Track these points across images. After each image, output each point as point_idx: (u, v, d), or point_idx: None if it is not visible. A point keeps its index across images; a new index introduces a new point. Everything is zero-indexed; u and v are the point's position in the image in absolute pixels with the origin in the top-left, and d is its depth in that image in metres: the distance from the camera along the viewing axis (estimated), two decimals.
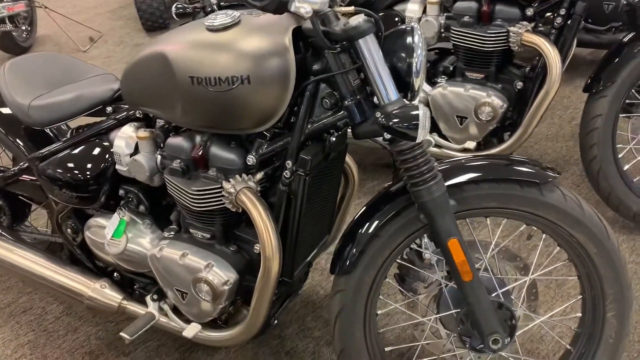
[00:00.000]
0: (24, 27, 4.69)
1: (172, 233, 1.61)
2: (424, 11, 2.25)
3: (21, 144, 1.88)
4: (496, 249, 1.44)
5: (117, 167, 1.60)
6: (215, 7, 2.61)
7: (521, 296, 1.47)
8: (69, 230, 1.81)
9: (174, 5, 2.60)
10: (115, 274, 1.82)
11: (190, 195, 1.43)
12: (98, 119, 1.73)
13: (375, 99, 1.29)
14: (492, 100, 2.09)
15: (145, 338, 1.97)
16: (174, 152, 1.48)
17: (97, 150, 1.64)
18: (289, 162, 1.37)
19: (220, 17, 1.31)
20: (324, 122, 1.33)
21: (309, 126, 1.34)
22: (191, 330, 1.54)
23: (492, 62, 2.13)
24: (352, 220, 1.42)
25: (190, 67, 1.29)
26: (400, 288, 1.50)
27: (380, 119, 1.19)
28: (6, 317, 2.16)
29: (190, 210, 1.48)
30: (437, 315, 1.46)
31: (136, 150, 1.58)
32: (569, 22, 2.02)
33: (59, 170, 1.67)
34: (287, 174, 1.39)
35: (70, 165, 1.65)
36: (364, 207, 1.41)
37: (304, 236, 1.49)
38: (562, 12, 2.00)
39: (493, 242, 1.41)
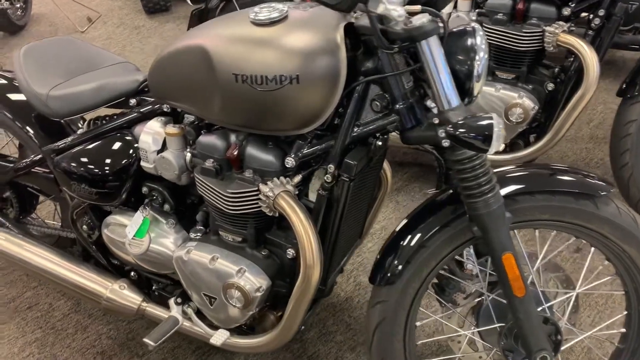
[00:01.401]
0: (18, 5, 4.52)
1: (198, 234, 1.53)
2: (455, 6, 2.17)
3: (32, 133, 1.78)
4: (542, 262, 1.39)
5: (142, 163, 1.51)
6: None
7: (565, 310, 1.42)
8: (84, 226, 1.72)
9: None
10: (132, 274, 1.74)
11: (225, 198, 1.35)
12: (116, 111, 1.64)
13: (428, 103, 1.23)
14: (524, 102, 2.03)
15: None
16: (206, 150, 1.40)
17: (120, 145, 1.54)
18: (331, 165, 1.30)
19: (267, 11, 1.22)
20: (372, 125, 1.25)
21: (355, 129, 1.27)
22: (219, 338, 1.47)
23: (524, 62, 2.06)
24: (395, 230, 1.35)
25: (235, 64, 1.20)
26: (440, 299, 1.44)
27: (447, 127, 1.12)
28: (11, 313, 2.06)
29: (223, 213, 1.40)
30: (478, 329, 1.41)
31: (163, 147, 1.49)
32: (607, 23, 1.95)
33: (77, 165, 1.57)
34: (328, 178, 1.31)
35: (91, 159, 1.56)
36: (409, 216, 1.34)
37: (340, 242, 1.42)
38: (601, 12, 1.93)
39: (541, 254, 1.36)
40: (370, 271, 1.38)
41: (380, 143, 1.30)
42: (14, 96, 1.86)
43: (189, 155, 1.45)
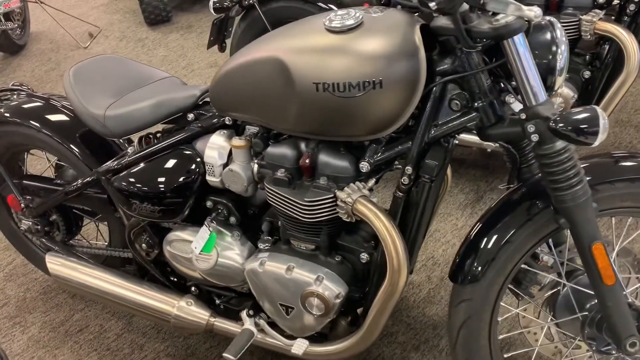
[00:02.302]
0: (16, 25, 4.46)
1: (267, 245, 1.52)
2: None
3: (80, 153, 1.76)
4: (617, 248, 1.40)
5: (207, 178, 1.50)
6: (255, 1, 2.50)
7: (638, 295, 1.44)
8: (143, 245, 1.70)
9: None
10: (193, 289, 1.72)
11: (301, 207, 1.35)
12: (164, 126, 1.63)
13: (507, 98, 1.24)
14: (563, 91, 2.05)
15: (214, 347, 1.88)
16: (276, 161, 1.39)
17: (183, 161, 1.53)
18: (409, 167, 1.30)
19: (341, 18, 1.22)
20: (451, 125, 1.26)
21: (433, 130, 1.27)
22: (300, 347, 1.46)
23: None
24: (474, 228, 1.35)
25: (315, 73, 1.20)
26: (517, 291, 1.45)
27: (537, 122, 1.12)
28: (62, 337, 2.04)
29: (297, 222, 1.40)
30: (558, 321, 1.42)
31: (228, 160, 1.48)
32: None
33: (139, 183, 1.56)
34: (405, 180, 1.31)
35: (154, 177, 1.55)
36: (488, 213, 1.35)
37: (417, 244, 1.42)
38: None
39: (619, 241, 1.37)
40: (448, 270, 1.38)
41: (456, 142, 1.30)
42: (53, 117, 1.84)
43: (256, 166, 1.45)
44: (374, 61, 1.16)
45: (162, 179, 1.54)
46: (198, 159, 1.52)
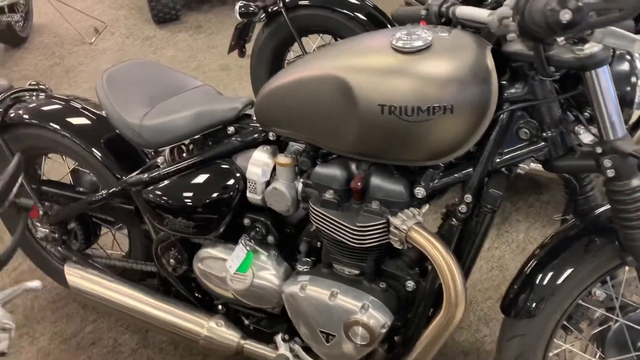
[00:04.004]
0: (20, 16, 4.33)
1: (306, 267, 1.45)
2: None
3: (105, 161, 1.68)
4: None
5: (248, 195, 1.43)
6: (281, 7, 2.44)
7: None
8: (171, 260, 1.62)
9: (238, 4, 2.41)
10: (220, 307, 1.65)
11: (351, 231, 1.28)
12: None
13: (578, 129, 1.19)
14: None
15: None
16: (324, 181, 1.33)
17: (222, 176, 1.46)
18: (468, 196, 1.24)
19: (409, 38, 1.15)
20: (517, 154, 1.20)
21: (497, 158, 1.22)
22: None
23: None
24: (531, 260, 1.30)
25: (381, 95, 1.13)
26: (568, 325, 1.40)
27: (613, 156, 1.07)
28: (74, 350, 1.95)
29: (344, 246, 1.33)
30: (608, 359, 1.37)
31: (271, 177, 1.42)
32: None
33: (175, 197, 1.49)
34: (463, 208, 1.26)
35: (191, 191, 1.48)
36: (545, 246, 1.30)
37: (468, 274, 1.37)
38: None
39: None
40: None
41: (519, 171, 1.25)
42: (77, 121, 1.76)
43: (300, 185, 1.38)
44: (446, 86, 1.11)
45: (200, 194, 1.46)
46: (238, 175, 1.45)
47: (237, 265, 1.47)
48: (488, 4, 1.97)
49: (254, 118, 1.51)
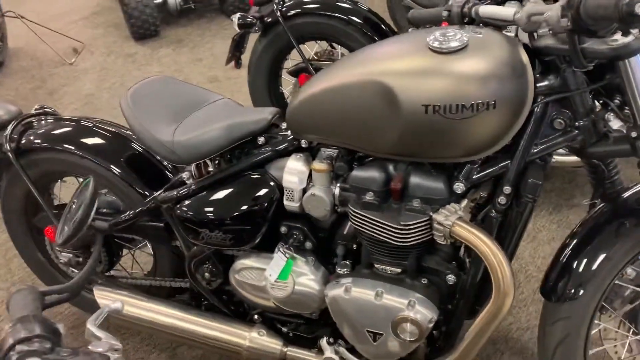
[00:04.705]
0: None
1: (346, 269, 1.48)
2: None
3: (127, 178, 1.67)
4: None
5: (286, 203, 1.45)
6: (279, 17, 2.46)
7: None
8: (206, 274, 1.62)
9: (236, 16, 2.42)
10: (256, 317, 1.66)
11: (395, 230, 1.31)
12: None
13: (608, 116, 1.24)
14: None
15: None
16: (363, 184, 1.36)
17: (258, 186, 1.47)
18: (508, 187, 1.28)
19: (447, 38, 1.19)
20: (553, 143, 1.25)
21: (533, 149, 1.26)
22: None
23: None
24: (566, 245, 1.35)
25: (425, 96, 1.17)
26: (604, 304, 1.45)
27: None
28: None
29: (386, 245, 1.36)
30: None
31: (307, 184, 1.43)
32: None
33: (211, 211, 1.49)
34: (502, 200, 1.30)
35: (227, 204, 1.48)
36: (580, 230, 1.35)
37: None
38: None
39: None
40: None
41: (553, 160, 1.30)
42: (93, 141, 1.75)
43: (338, 190, 1.41)
44: (487, 82, 1.15)
45: (236, 206, 1.47)
46: (273, 184, 1.47)
47: (277, 274, 1.48)
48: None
49: (283, 127, 1.53)
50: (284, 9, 2.47)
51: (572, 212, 2.38)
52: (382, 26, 2.54)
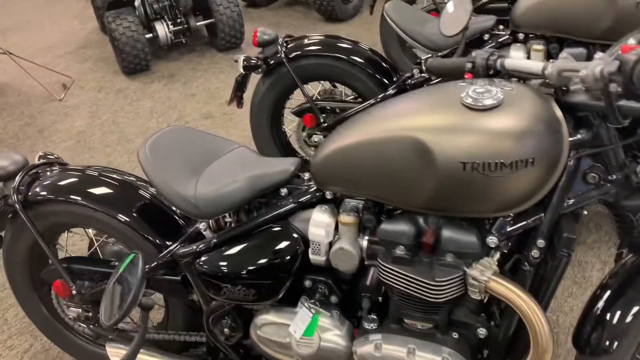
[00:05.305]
0: None
1: (373, 324, 1.44)
2: None
3: (141, 230, 1.62)
4: None
5: (311, 256, 1.41)
6: (283, 58, 2.46)
7: None
8: (225, 329, 1.57)
9: (241, 57, 2.41)
10: None
11: (430, 286, 1.28)
12: None
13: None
14: None
15: None
16: (393, 237, 1.33)
17: (282, 239, 1.44)
18: (541, 241, 1.27)
19: (482, 95, 1.19)
20: (585, 197, 1.25)
21: (566, 203, 1.26)
22: None
23: None
24: (598, 296, 1.34)
25: (463, 153, 1.16)
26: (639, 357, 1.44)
27: None
28: None
29: (418, 300, 1.33)
30: None
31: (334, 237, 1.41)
32: None
33: (234, 266, 1.45)
34: (535, 253, 1.29)
35: (251, 258, 1.44)
36: (611, 281, 1.34)
37: None
38: None
39: None
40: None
41: (586, 213, 1.30)
42: (99, 191, 1.69)
43: (365, 243, 1.38)
44: (526, 140, 1.14)
45: (261, 260, 1.43)
46: (297, 236, 1.44)
47: (302, 330, 1.44)
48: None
49: (305, 177, 1.51)
50: (287, 50, 2.47)
51: (579, 249, 2.39)
52: (384, 64, 2.56)
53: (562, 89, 1.24)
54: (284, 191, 1.47)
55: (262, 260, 1.44)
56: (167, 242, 1.62)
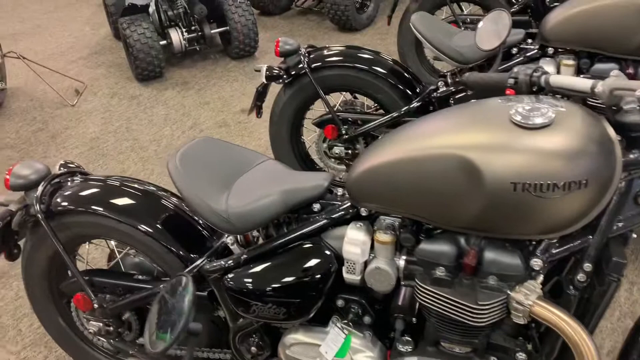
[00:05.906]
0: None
1: (409, 347, 1.39)
2: None
3: (167, 244, 1.58)
4: None
5: (345, 275, 1.37)
6: (306, 69, 2.42)
7: None
8: (252, 348, 1.52)
9: (264, 67, 2.38)
10: None
11: (472, 310, 1.24)
12: None
13: None
14: None
15: None
16: (432, 257, 1.28)
17: (315, 257, 1.39)
18: (588, 265, 1.23)
19: (532, 114, 1.15)
20: (636, 219, 1.20)
21: (615, 225, 1.21)
22: None
23: None
24: None
25: (514, 173, 1.11)
26: None
27: None
28: None
29: (457, 323, 1.28)
30: None
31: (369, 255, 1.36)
32: None
33: (265, 283, 1.40)
34: (581, 277, 1.24)
35: (283, 275, 1.39)
36: None
37: None
38: None
39: None
40: None
41: (635, 236, 1.25)
42: (122, 201, 1.65)
43: (402, 262, 1.33)
44: (580, 161, 1.10)
45: (293, 278, 1.38)
46: (330, 254, 1.39)
47: (334, 351, 1.39)
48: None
49: (338, 193, 1.47)
50: (309, 61, 2.44)
51: None
52: (407, 75, 2.52)
53: (612, 107, 1.20)
54: (317, 207, 1.43)
55: (294, 278, 1.39)
56: (192, 255, 1.57)
